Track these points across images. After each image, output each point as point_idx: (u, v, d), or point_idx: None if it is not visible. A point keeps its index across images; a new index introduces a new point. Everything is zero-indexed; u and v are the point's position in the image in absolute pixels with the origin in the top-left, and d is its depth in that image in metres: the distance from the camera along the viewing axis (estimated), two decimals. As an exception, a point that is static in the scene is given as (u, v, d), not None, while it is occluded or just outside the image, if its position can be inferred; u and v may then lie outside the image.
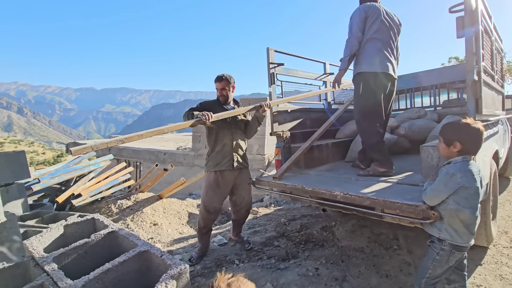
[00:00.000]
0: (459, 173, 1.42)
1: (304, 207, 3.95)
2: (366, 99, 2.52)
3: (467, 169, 1.43)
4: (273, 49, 3.00)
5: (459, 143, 1.46)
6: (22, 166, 1.91)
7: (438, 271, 1.51)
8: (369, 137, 2.56)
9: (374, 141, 2.53)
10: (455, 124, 1.52)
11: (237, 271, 2.43)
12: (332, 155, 3.34)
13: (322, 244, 2.87)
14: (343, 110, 3.32)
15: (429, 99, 4.11)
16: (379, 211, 1.76)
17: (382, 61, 2.47)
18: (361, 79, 2.53)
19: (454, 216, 1.44)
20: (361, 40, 2.51)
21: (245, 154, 2.74)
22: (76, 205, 3.36)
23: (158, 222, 3.78)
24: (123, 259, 0.86)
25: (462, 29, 1.72)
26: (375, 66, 2.46)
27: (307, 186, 2.17)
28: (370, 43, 2.49)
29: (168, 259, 0.88)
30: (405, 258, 2.48)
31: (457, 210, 1.43)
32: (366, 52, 2.51)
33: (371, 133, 2.53)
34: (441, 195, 1.47)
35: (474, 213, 1.43)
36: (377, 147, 2.52)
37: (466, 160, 1.47)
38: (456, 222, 1.45)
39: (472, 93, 1.71)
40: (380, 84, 2.49)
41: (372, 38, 2.48)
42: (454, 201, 1.43)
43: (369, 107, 2.51)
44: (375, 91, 2.48)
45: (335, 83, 2.74)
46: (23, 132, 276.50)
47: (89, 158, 4.19)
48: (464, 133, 1.46)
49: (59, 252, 0.89)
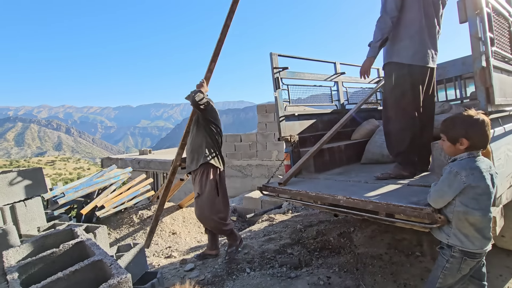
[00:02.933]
0: (464, 171, 1.28)
1: (322, 213, 3.82)
2: (401, 93, 2.12)
3: (473, 166, 1.29)
4: (276, 54, 2.99)
5: (466, 139, 1.31)
6: (39, 182, 2.10)
7: (450, 281, 1.36)
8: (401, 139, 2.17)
9: (407, 143, 2.15)
10: (457, 119, 1.37)
11: (247, 279, 2.41)
12: (346, 158, 3.21)
13: (338, 251, 2.75)
14: (355, 110, 3.18)
15: (454, 92, 3.78)
16: (383, 215, 1.63)
17: (421, 49, 2.07)
18: (394, 69, 2.16)
19: (463, 219, 1.30)
20: (395, 20, 2.08)
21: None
22: (100, 217, 3.59)
23: (177, 231, 3.88)
24: (75, 268, 0.89)
25: (464, 13, 1.58)
26: (412, 56, 2.08)
27: (311, 191, 2.10)
28: (407, 24, 2.09)
29: (114, 269, 0.90)
30: (427, 266, 2.28)
31: (465, 213, 1.28)
32: (401, 36, 2.10)
33: (404, 133, 2.15)
34: (445, 196, 1.33)
35: (486, 215, 1.28)
36: (408, 150, 2.18)
37: (472, 157, 1.32)
38: (465, 226, 1.30)
39: (481, 82, 1.55)
40: (417, 76, 2.11)
41: (409, 17, 2.07)
42: (461, 203, 1.29)
43: (405, 102, 2.12)
44: (412, 83, 2.10)
45: (363, 74, 2.29)
46: (71, 150, 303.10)
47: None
48: (469, 127, 1.31)
49: (25, 261, 0.95)
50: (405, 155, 2.22)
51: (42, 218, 1.99)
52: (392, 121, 2.24)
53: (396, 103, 2.19)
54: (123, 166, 8.40)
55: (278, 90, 2.94)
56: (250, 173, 7.22)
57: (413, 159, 2.24)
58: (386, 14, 2.08)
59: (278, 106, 2.90)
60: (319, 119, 3.41)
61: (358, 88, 4.15)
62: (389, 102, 2.26)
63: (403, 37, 2.12)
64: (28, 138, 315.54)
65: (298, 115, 3.12)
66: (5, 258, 0.98)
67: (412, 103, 2.14)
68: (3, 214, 1.81)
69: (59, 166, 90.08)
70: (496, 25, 1.75)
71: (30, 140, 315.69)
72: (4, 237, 1.36)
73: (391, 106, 2.24)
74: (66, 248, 1.03)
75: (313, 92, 3.51)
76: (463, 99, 3.74)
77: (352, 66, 4.06)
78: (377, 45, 2.15)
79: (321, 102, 3.69)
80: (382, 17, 2.10)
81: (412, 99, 2.14)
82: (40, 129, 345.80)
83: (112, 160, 9.54)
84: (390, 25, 2.09)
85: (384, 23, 2.09)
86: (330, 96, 3.67)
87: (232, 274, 2.50)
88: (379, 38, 2.12)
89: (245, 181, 7.26)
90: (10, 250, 1.06)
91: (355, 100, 3.96)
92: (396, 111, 2.20)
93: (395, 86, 2.17)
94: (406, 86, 2.13)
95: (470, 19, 1.55)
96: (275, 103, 2.96)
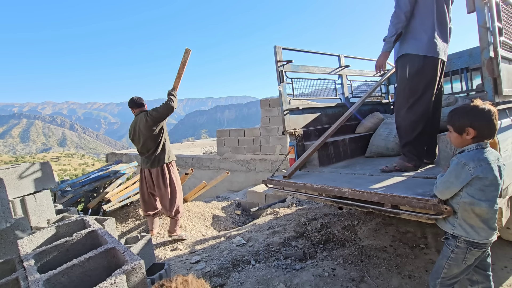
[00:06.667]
0: (472, 162, 1.28)
1: (326, 207, 3.84)
2: (416, 84, 2.15)
3: (482, 157, 1.29)
4: (280, 47, 2.97)
5: (472, 128, 1.31)
6: (48, 176, 2.14)
7: (455, 271, 1.37)
8: (412, 129, 2.21)
9: (417, 133, 2.19)
10: (462, 109, 1.37)
11: (252, 271, 2.44)
12: (350, 151, 3.20)
13: (343, 243, 2.76)
14: (359, 104, 3.16)
15: (460, 84, 3.74)
16: (389, 207, 1.64)
17: (435, 42, 2.10)
18: (410, 60, 2.17)
19: (469, 210, 1.30)
20: (409, 15, 2.11)
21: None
22: (107, 210, 3.65)
23: (183, 224, 3.93)
24: (89, 255, 0.92)
25: (472, 2, 1.56)
26: (428, 48, 2.10)
27: (316, 184, 2.11)
28: (421, 17, 2.11)
29: (128, 255, 0.92)
30: (432, 258, 2.29)
31: (471, 204, 1.29)
32: (416, 29, 2.12)
33: (415, 124, 2.20)
34: (452, 187, 1.33)
35: (492, 206, 1.28)
36: (417, 141, 2.22)
37: (480, 148, 1.31)
38: (471, 217, 1.31)
39: (489, 73, 1.54)
40: (431, 67, 2.14)
41: (424, 11, 2.09)
42: (468, 194, 1.29)
43: (419, 93, 2.15)
44: (427, 74, 2.14)
45: (379, 68, 2.35)
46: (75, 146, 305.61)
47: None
48: (474, 116, 1.31)
49: (40, 249, 0.98)
50: (412, 146, 2.24)
51: (51, 211, 2.03)
52: (405, 111, 2.25)
53: (411, 93, 2.20)
54: (128, 161, 8.47)
55: (282, 83, 2.93)
56: (254, 168, 7.25)
57: (420, 150, 2.26)
58: (399, 9, 2.10)
59: (282, 100, 2.89)
60: (323, 112, 3.40)
61: (362, 81, 4.12)
62: (404, 93, 2.26)
63: (418, 30, 2.13)
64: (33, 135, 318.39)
65: (302, 108, 3.12)
66: (20, 246, 1.01)
67: (426, 94, 2.17)
68: (14, 207, 1.85)
69: (64, 162, 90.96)
70: (505, 15, 1.73)
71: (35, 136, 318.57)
72: (17, 228, 1.40)
73: (406, 97, 2.24)
74: (79, 237, 1.07)
75: (317, 86, 3.50)
76: (469, 92, 3.69)
77: (357, 59, 4.04)
78: (392, 40, 2.18)
79: (325, 96, 3.67)
80: (395, 12, 2.12)
81: (427, 90, 2.17)
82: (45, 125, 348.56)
83: (116, 155, 9.62)
84: (404, 20, 2.11)
85: (398, 18, 2.12)
86: (335, 90, 3.65)
87: (237, 266, 2.53)
88: (394, 33, 2.15)
89: (249, 175, 7.28)
90: (25, 239, 1.09)
91: (359, 93, 3.93)
92: (411, 102, 2.21)
93: (411, 77, 2.17)
94: (421, 77, 2.15)
95: (478, 9, 1.53)
96: (279, 97, 2.96)
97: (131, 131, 3.38)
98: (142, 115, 3.29)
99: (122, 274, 0.80)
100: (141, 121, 3.26)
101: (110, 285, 0.76)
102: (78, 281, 0.83)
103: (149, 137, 3.24)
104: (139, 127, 3.28)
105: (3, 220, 1.36)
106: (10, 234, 1.41)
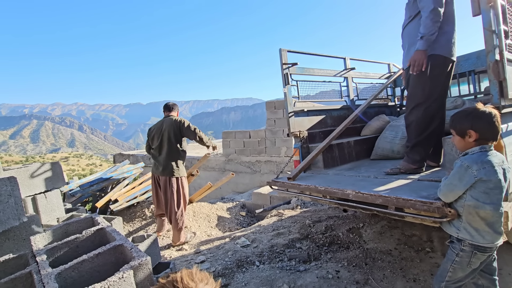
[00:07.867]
0: (475, 165, 1.28)
1: (331, 209, 3.83)
2: (435, 85, 2.15)
3: (485, 160, 1.28)
4: (285, 50, 3.00)
5: (473, 131, 1.32)
6: (58, 175, 2.20)
7: (459, 275, 1.37)
8: (424, 128, 2.22)
9: (428, 131, 2.21)
10: (463, 112, 1.39)
11: (256, 272, 2.45)
12: (355, 153, 3.20)
13: (347, 246, 2.76)
14: (365, 106, 3.16)
15: (468, 87, 3.70)
16: (393, 209, 1.64)
17: (455, 43, 2.13)
18: (432, 60, 2.12)
19: (473, 213, 1.30)
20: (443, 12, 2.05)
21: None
22: (114, 210, 3.71)
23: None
24: (98, 252, 0.96)
25: (477, 5, 1.56)
26: (451, 50, 2.12)
27: (320, 186, 2.12)
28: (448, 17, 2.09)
29: (135, 252, 0.95)
30: (438, 262, 2.27)
31: (476, 207, 1.28)
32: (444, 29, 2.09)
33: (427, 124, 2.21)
34: (456, 190, 1.33)
35: (497, 210, 1.28)
36: (427, 141, 2.24)
37: (484, 151, 1.31)
38: (476, 220, 1.30)
39: (494, 76, 1.53)
40: (449, 69, 2.16)
41: (449, 10, 2.07)
42: (472, 197, 1.29)
43: (437, 93, 2.16)
44: (446, 76, 2.17)
45: (420, 67, 2.11)
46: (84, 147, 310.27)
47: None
48: (475, 118, 1.32)
49: (52, 245, 1.03)
50: (421, 146, 2.25)
51: (61, 210, 2.09)
52: (422, 110, 2.23)
53: (431, 93, 2.19)
54: (135, 161, 8.58)
55: (287, 86, 2.96)
56: (259, 169, 7.26)
57: (428, 151, 2.27)
58: (438, 5, 2.02)
59: (287, 102, 2.91)
60: (328, 115, 3.41)
61: (368, 83, 4.11)
62: (423, 92, 2.22)
63: (446, 30, 2.12)
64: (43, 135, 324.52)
65: (307, 111, 3.13)
66: (33, 242, 1.05)
67: (442, 95, 2.24)
68: (25, 205, 1.92)
69: (73, 162, 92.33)
70: (511, 18, 1.72)
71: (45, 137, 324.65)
72: (30, 225, 1.46)
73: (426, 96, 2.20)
74: (89, 234, 1.11)
75: (323, 88, 3.51)
76: (477, 94, 3.65)
77: (362, 61, 4.03)
78: (432, 38, 2.06)
79: (331, 98, 3.68)
80: (435, 9, 2.02)
81: (443, 91, 2.23)
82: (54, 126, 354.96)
83: (124, 156, 9.75)
84: (441, 17, 2.05)
85: (438, 15, 2.02)
86: (340, 92, 3.65)
87: (242, 267, 2.55)
88: (434, 31, 2.05)
89: (254, 177, 7.30)
90: (37, 236, 1.14)
91: (365, 96, 3.93)
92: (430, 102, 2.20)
93: (433, 77, 2.15)
94: (442, 78, 2.19)
95: (484, 12, 1.53)
96: (284, 99, 2.98)
97: (154, 128, 3.54)
98: (171, 118, 3.47)
99: (130, 270, 0.83)
100: (169, 122, 3.41)
101: (118, 280, 0.79)
102: (87, 276, 0.86)
103: (168, 139, 3.37)
104: (163, 126, 3.42)
105: (16, 218, 1.42)
106: (23, 231, 1.47)
